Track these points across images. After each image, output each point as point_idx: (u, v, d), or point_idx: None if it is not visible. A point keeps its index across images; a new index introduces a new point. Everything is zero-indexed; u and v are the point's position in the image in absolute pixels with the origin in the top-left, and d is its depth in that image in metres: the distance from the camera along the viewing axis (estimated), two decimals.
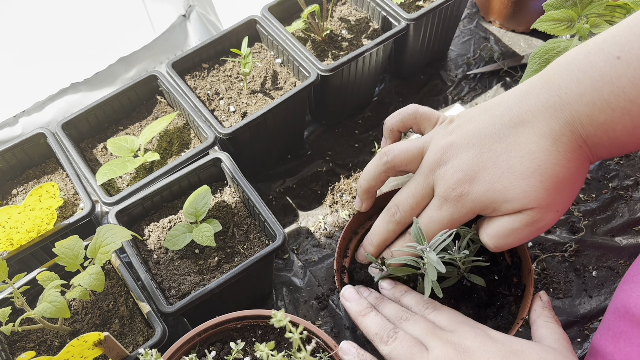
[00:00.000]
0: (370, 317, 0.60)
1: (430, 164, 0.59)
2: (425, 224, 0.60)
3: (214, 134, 0.82)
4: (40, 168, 0.86)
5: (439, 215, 0.59)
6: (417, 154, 0.61)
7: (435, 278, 0.61)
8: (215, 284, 0.69)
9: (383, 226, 0.65)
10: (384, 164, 0.64)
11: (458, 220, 0.59)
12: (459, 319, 0.58)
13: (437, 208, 0.59)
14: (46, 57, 1.00)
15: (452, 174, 0.57)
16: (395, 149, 0.63)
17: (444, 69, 1.08)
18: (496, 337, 0.54)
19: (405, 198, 0.62)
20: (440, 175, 0.58)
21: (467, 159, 0.56)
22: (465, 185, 0.56)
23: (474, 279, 0.65)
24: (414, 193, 0.61)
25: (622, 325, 0.50)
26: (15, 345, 0.69)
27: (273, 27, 0.93)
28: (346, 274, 0.71)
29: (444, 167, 0.58)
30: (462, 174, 0.56)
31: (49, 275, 0.64)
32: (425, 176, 0.60)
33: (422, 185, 0.60)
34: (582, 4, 0.75)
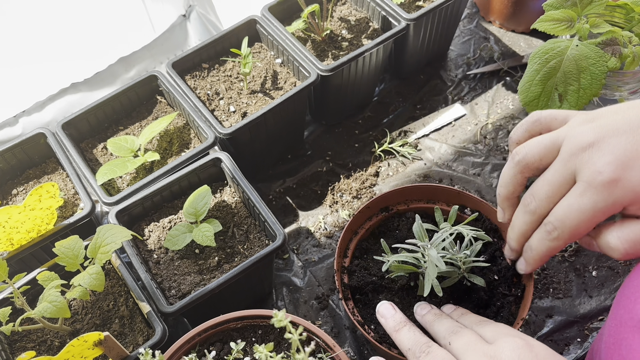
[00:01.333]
0: (404, 332, 0.59)
1: (571, 148, 0.53)
2: (563, 213, 0.53)
3: (214, 134, 0.82)
4: (40, 168, 0.87)
5: (579, 203, 0.52)
6: (552, 146, 0.55)
7: (435, 276, 0.61)
8: (215, 284, 0.69)
9: (519, 218, 0.59)
10: (516, 164, 0.58)
11: (601, 211, 0.51)
12: (506, 330, 0.55)
13: (578, 195, 0.52)
14: (46, 57, 1.00)
15: (600, 157, 0.51)
16: (526, 145, 0.57)
17: (444, 69, 1.08)
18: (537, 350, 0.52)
19: (541, 186, 0.55)
20: (584, 158, 0.52)
21: (618, 143, 0.50)
22: (617, 171, 0.50)
23: (474, 279, 0.65)
24: (551, 180, 0.54)
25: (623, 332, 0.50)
26: (15, 345, 0.69)
27: (273, 27, 0.93)
28: (346, 274, 0.71)
29: (589, 150, 0.51)
30: (613, 157, 0.50)
31: (49, 275, 0.64)
32: (565, 162, 0.53)
33: (560, 172, 0.54)
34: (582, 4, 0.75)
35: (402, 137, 0.99)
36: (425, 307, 0.64)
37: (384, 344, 0.65)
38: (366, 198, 0.92)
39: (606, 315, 0.79)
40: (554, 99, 0.76)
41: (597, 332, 0.77)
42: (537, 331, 0.78)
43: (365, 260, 0.73)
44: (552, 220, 0.54)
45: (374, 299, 0.70)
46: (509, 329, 0.57)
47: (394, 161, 0.96)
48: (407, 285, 0.69)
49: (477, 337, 0.55)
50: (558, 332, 0.78)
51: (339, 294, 0.68)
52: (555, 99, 0.75)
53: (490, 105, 1.02)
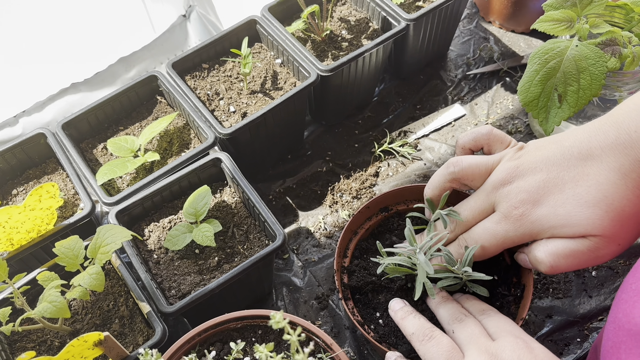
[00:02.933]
0: (409, 318, 0.62)
1: (495, 182, 0.60)
2: (479, 232, 0.61)
3: (214, 134, 0.82)
4: (40, 168, 0.87)
5: (494, 228, 0.60)
6: (485, 171, 0.62)
7: (424, 279, 0.61)
8: (215, 284, 0.69)
9: None
10: (449, 174, 0.64)
11: (511, 239, 0.59)
12: (508, 327, 0.58)
13: (495, 222, 0.60)
14: (46, 57, 1.00)
15: (516, 193, 0.58)
16: (464, 161, 0.63)
17: (444, 69, 1.08)
18: (537, 352, 0.54)
19: (463, 210, 0.63)
20: (504, 193, 0.59)
21: (533, 181, 0.57)
22: (527, 206, 0.57)
23: (476, 289, 0.65)
24: (473, 207, 0.62)
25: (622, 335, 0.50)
26: (15, 345, 0.69)
27: (273, 28, 0.93)
28: (346, 274, 0.71)
29: (508, 186, 0.59)
30: (527, 194, 0.57)
31: (49, 275, 0.64)
32: (488, 193, 0.61)
33: (482, 201, 0.61)
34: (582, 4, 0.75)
35: (402, 137, 0.99)
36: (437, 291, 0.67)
37: (383, 344, 0.65)
38: (366, 198, 0.92)
39: (606, 315, 0.79)
40: (553, 99, 0.76)
41: (597, 332, 0.78)
42: (537, 331, 0.78)
43: (365, 260, 0.73)
44: (467, 238, 0.63)
45: (373, 299, 0.70)
46: (512, 324, 0.58)
47: (393, 161, 0.96)
48: (406, 286, 0.69)
49: (480, 330, 0.57)
50: (558, 332, 0.78)
51: (339, 294, 0.68)
52: (555, 99, 0.75)
53: (490, 106, 1.02)
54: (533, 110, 0.77)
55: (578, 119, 0.86)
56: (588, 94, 0.73)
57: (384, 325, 0.67)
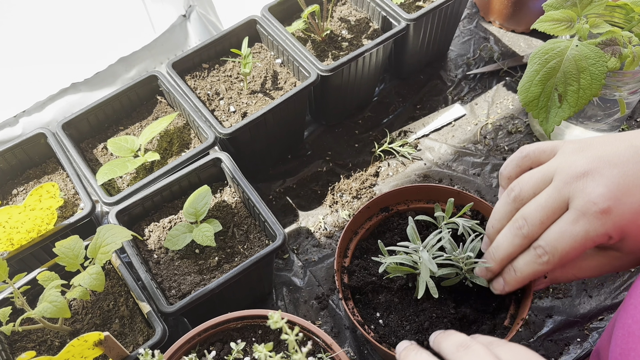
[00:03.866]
0: (411, 355, 0.56)
1: (565, 177, 0.55)
2: (555, 238, 0.55)
3: (214, 134, 0.82)
4: (40, 168, 0.87)
5: (572, 230, 0.54)
6: (544, 178, 0.57)
7: (428, 278, 0.61)
8: (215, 284, 0.69)
9: (509, 240, 0.59)
10: (513, 200, 0.59)
11: (592, 239, 0.53)
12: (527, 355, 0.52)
13: (571, 222, 0.54)
14: (46, 57, 1.00)
15: (594, 187, 0.53)
16: (521, 181, 0.58)
17: (444, 69, 1.08)
18: None
19: (534, 210, 0.56)
20: (578, 187, 0.53)
21: (611, 176, 0.52)
22: (610, 202, 0.52)
23: (476, 280, 0.64)
24: (545, 206, 0.56)
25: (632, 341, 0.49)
26: (15, 345, 0.69)
27: (273, 28, 0.93)
28: (346, 274, 0.71)
29: (583, 179, 0.53)
30: (607, 189, 0.52)
31: (49, 275, 0.64)
32: (559, 189, 0.55)
33: (554, 198, 0.55)
34: (582, 4, 0.75)
35: (402, 137, 0.99)
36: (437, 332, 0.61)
37: (384, 344, 0.65)
38: (366, 198, 0.92)
39: (606, 315, 0.79)
40: (553, 99, 0.76)
41: (597, 332, 0.78)
42: (537, 331, 0.78)
43: (365, 260, 0.73)
44: (542, 244, 0.56)
45: (373, 299, 0.70)
46: (529, 351, 0.53)
47: (393, 161, 0.96)
48: (406, 286, 0.69)
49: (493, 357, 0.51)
50: (558, 332, 0.78)
51: (339, 294, 0.68)
52: (555, 99, 0.75)
53: (490, 106, 1.02)
54: (533, 110, 0.77)
55: (578, 118, 0.86)
56: (588, 94, 0.73)
57: (384, 325, 0.67)
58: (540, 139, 0.95)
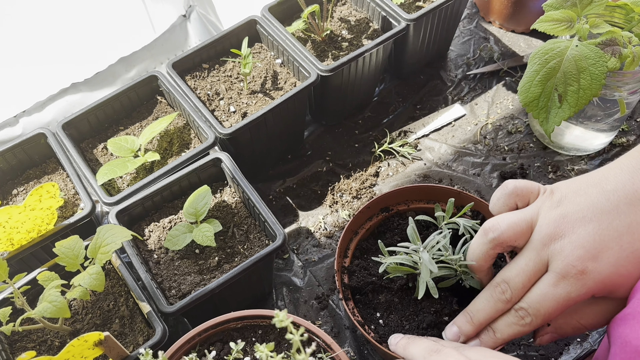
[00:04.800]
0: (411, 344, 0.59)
1: (543, 238, 0.55)
2: (537, 300, 0.55)
3: (214, 134, 0.82)
4: (40, 168, 0.87)
5: (554, 292, 0.54)
6: (526, 228, 0.57)
7: (428, 279, 0.61)
8: (215, 284, 0.69)
9: (490, 305, 0.59)
10: (490, 241, 0.59)
11: (574, 299, 0.54)
12: (490, 353, 0.55)
13: (552, 285, 0.55)
14: (47, 57, 1.00)
15: (571, 250, 0.53)
16: (502, 223, 0.58)
17: (444, 69, 1.08)
18: None
19: (516, 275, 0.57)
20: (556, 250, 0.54)
21: (586, 234, 0.53)
22: (587, 263, 0.53)
23: (470, 282, 0.65)
24: (525, 270, 0.56)
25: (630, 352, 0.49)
26: (15, 345, 0.69)
27: (273, 28, 0.93)
28: (346, 274, 0.71)
29: (560, 241, 0.54)
30: (584, 250, 0.53)
31: (49, 275, 0.64)
32: (538, 251, 0.56)
33: (534, 261, 0.56)
34: (582, 5, 0.75)
35: (402, 137, 0.99)
36: (397, 336, 0.63)
37: (384, 344, 0.65)
38: (366, 198, 0.92)
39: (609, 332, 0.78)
40: (553, 100, 0.76)
41: (597, 333, 0.77)
42: None
43: (365, 260, 0.73)
44: (525, 307, 0.56)
45: (374, 299, 0.70)
46: (494, 352, 0.56)
47: (394, 161, 0.96)
48: (406, 286, 0.69)
49: (463, 357, 0.53)
50: None
51: (339, 294, 0.68)
52: (555, 99, 0.75)
53: (490, 106, 1.02)
54: (533, 110, 0.77)
55: (578, 119, 0.86)
56: (588, 94, 0.73)
57: (384, 325, 0.67)
58: (540, 139, 0.95)
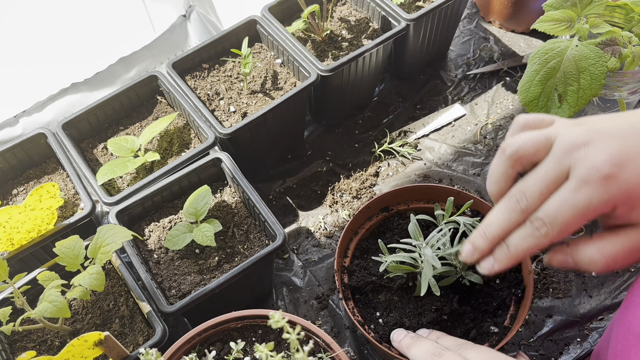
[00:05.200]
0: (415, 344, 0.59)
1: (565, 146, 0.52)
2: (555, 208, 0.51)
3: (214, 134, 0.82)
4: (40, 168, 0.87)
5: (573, 198, 0.50)
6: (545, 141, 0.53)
7: (431, 275, 0.61)
8: (215, 284, 0.69)
9: (504, 216, 0.54)
10: (508, 157, 0.55)
11: (594, 208, 0.50)
12: (491, 355, 0.55)
13: (572, 190, 0.51)
14: (47, 57, 1.00)
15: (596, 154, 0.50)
16: (519, 138, 0.54)
17: (444, 69, 1.08)
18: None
19: (533, 183, 0.53)
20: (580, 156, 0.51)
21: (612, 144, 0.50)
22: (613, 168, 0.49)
23: (471, 277, 0.65)
24: (544, 177, 0.52)
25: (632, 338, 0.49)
26: (15, 345, 0.69)
27: (273, 28, 0.93)
28: (346, 274, 0.71)
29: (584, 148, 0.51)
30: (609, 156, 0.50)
31: (49, 275, 0.64)
32: (559, 159, 0.52)
33: (554, 169, 0.52)
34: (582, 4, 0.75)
35: (402, 137, 0.99)
36: (401, 332, 0.64)
37: (384, 343, 0.65)
38: (366, 198, 0.92)
39: (606, 315, 0.79)
40: (553, 100, 0.76)
41: (597, 332, 0.78)
42: (537, 331, 0.78)
43: (365, 260, 0.73)
44: (541, 216, 0.52)
45: (374, 299, 0.70)
46: (492, 351, 0.55)
47: (393, 161, 0.96)
48: (406, 285, 0.69)
49: None
50: (558, 332, 0.78)
51: (339, 293, 0.68)
52: (555, 99, 0.75)
53: (490, 106, 1.02)
54: (533, 110, 0.77)
55: None
56: (588, 94, 0.73)
57: (384, 325, 0.67)
58: None
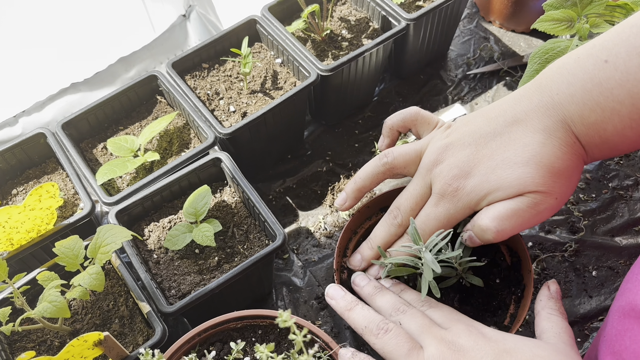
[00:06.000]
0: (357, 310, 0.60)
1: (427, 164, 0.61)
2: (422, 221, 0.61)
3: (214, 134, 0.82)
4: (40, 168, 0.87)
5: (435, 212, 0.60)
6: (415, 156, 0.63)
7: (431, 278, 0.61)
8: (215, 284, 0.69)
9: (385, 229, 0.65)
10: (382, 165, 0.66)
11: (454, 216, 0.60)
12: (455, 316, 0.58)
13: (434, 205, 0.60)
14: (46, 57, 1.00)
15: (448, 171, 0.59)
16: (395, 151, 0.65)
17: (444, 69, 1.08)
18: (490, 335, 0.55)
19: (405, 200, 0.63)
20: (436, 173, 0.60)
21: (463, 156, 0.59)
22: (460, 180, 0.58)
23: (471, 280, 0.65)
24: (413, 194, 0.63)
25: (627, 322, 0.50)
26: (15, 345, 0.69)
27: (273, 27, 0.93)
28: (346, 274, 0.71)
29: (440, 165, 0.60)
30: (458, 169, 0.58)
31: (49, 275, 0.64)
32: (423, 176, 0.62)
33: (420, 185, 0.62)
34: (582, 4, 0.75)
35: (402, 137, 0.99)
36: (363, 277, 0.65)
37: None
38: (366, 198, 0.92)
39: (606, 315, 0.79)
40: None
41: (597, 333, 0.77)
42: None
43: None
44: None
45: None
46: (456, 313, 0.59)
47: None
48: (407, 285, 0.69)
49: (429, 320, 0.57)
50: None
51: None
52: None
53: None
54: None
55: None
56: None
57: None
58: None
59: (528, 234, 0.86)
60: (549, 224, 0.87)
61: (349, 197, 0.69)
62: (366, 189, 0.68)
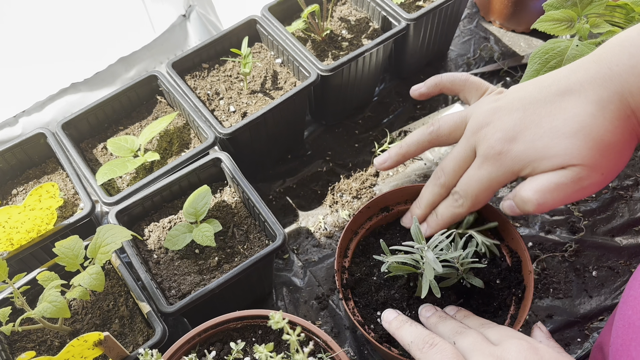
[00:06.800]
0: (405, 327, 0.60)
1: (473, 127, 0.61)
2: (465, 182, 0.62)
3: (214, 134, 0.82)
4: (40, 168, 0.87)
5: (478, 174, 0.60)
6: (461, 122, 0.63)
7: (432, 278, 0.61)
8: (215, 284, 0.69)
9: (429, 190, 0.67)
10: (429, 134, 0.66)
11: (496, 180, 0.59)
12: (511, 333, 0.56)
13: (477, 167, 0.60)
14: (46, 57, 1.00)
15: (492, 133, 0.58)
16: (441, 119, 0.65)
17: (444, 69, 1.07)
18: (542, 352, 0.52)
19: (449, 162, 0.64)
20: (481, 135, 0.59)
21: (510, 120, 0.58)
22: (505, 144, 0.57)
23: (472, 281, 0.65)
24: (456, 156, 0.63)
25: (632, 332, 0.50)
26: (15, 345, 0.69)
27: (273, 27, 0.93)
28: (346, 274, 0.71)
29: (485, 128, 0.59)
30: (503, 133, 0.57)
31: (49, 275, 0.64)
32: (468, 139, 0.61)
33: (464, 148, 0.62)
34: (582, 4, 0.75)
35: (402, 137, 0.99)
36: (430, 309, 0.64)
37: (384, 344, 0.65)
38: (366, 198, 0.92)
39: (606, 316, 0.79)
40: None
41: (597, 333, 0.77)
42: None
43: (366, 260, 0.73)
44: (458, 190, 0.63)
45: (374, 299, 0.69)
46: (513, 331, 0.57)
47: None
48: (407, 285, 0.69)
49: (482, 338, 0.56)
50: (558, 332, 0.78)
51: (339, 294, 0.68)
52: None
53: None
54: None
55: None
56: None
57: None
58: None
59: (528, 234, 0.86)
60: (549, 224, 0.87)
61: (391, 158, 0.70)
62: (410, 155, 0.69)
